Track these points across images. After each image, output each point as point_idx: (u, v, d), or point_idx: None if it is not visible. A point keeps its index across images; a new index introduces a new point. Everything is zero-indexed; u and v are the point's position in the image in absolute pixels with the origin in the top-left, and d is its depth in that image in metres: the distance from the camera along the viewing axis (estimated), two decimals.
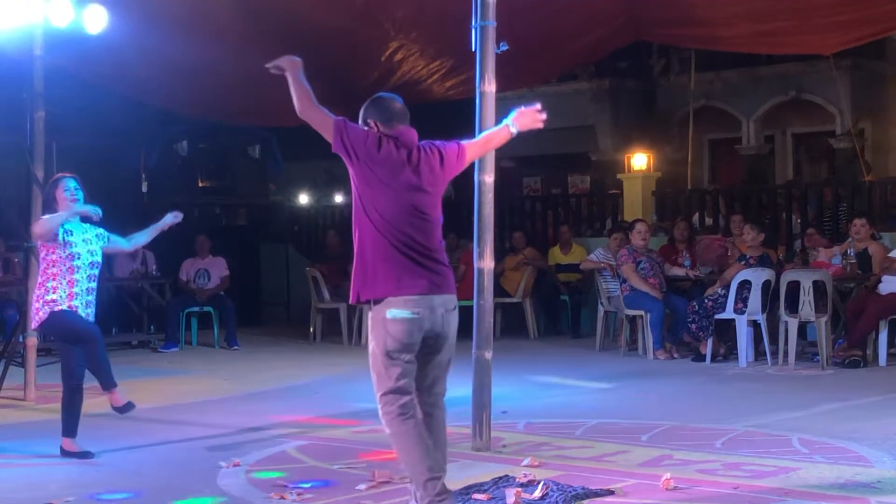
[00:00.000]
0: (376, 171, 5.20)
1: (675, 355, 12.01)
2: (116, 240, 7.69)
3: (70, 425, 7.31)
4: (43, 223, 7.24)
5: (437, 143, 5.50)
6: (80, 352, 7.28)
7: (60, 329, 7.37)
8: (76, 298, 7.23)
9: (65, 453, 7.25)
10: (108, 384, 7.44)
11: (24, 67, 9.79)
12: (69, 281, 7.23)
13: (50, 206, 7.38)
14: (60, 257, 7.23)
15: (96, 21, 9.68)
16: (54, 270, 7.23)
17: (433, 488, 5.15)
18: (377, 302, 5.16)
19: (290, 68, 5.47)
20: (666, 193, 16.84)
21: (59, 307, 7.20)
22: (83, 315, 7.26)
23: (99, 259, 7.41)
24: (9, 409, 9.32)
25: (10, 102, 10.46)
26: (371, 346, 5.22)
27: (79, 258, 7.27)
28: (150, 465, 7.09)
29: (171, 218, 7.84)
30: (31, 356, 9.73)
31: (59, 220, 7.21)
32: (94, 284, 7.36)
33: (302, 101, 5.37)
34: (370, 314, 5.23)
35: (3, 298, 13.39)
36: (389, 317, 5.11)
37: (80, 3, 9.60)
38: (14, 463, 7.17)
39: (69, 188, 7.37)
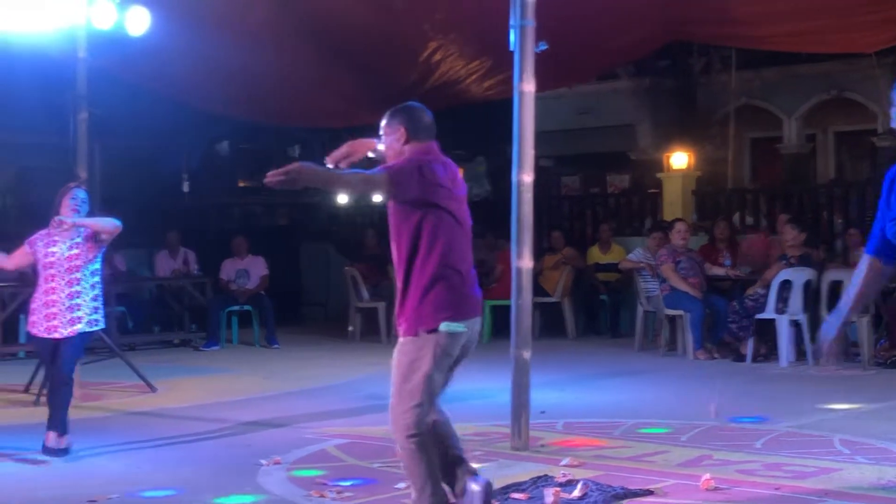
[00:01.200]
0: (435, 197, 5.06)
1: (716, 356, 11.95)
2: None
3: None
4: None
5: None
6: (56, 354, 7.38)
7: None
8: (54, 307, 7.37)
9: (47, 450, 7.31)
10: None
11: (68, 69, 9.90)
12: (45, 290, 7.39)
13: (55, 211, 7.51)
14: (41, 264, 7.45)
15: (139, 23, 9.78)
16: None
17: None
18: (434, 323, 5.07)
19: (304, 175, 4.80)
20: (706, 193, 16.76)
21: (35, 330, 7.42)
22: (63, 335, 7.37)
23: (79, 263, 7.48)
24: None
25: (54, 104, 10.59)
26: (411, 356, 5.07)
27: (53, 267, 7.40)
28: (192, 462, 7.15)
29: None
30: None
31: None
32: (79, 289, 7.44)
33: (349, 183, 5.29)
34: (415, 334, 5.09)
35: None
36: (443, 329, 5.04)
37: (122, 5, 9.69)
38: (56, 460, 7.24)
39: (75, 198, 7.49)
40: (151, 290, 15.31)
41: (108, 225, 7.59)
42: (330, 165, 5.16)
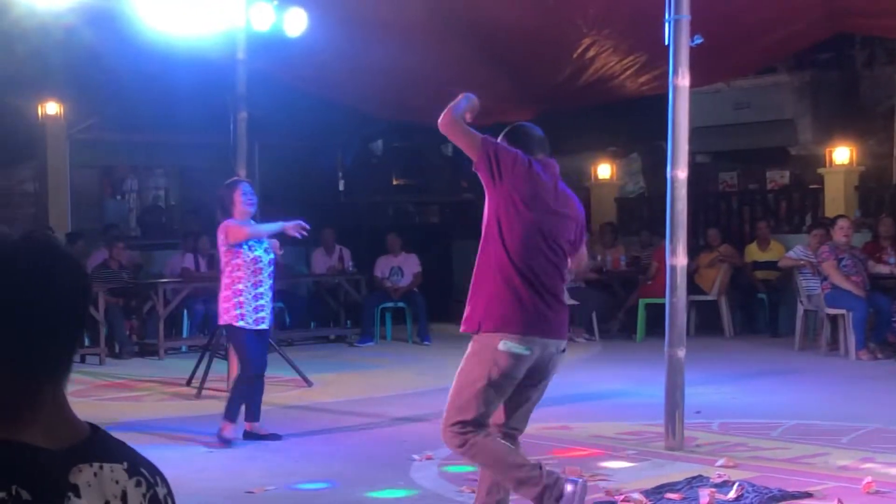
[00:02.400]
0: (522, 194, 4.93)
1: (879, 356, 11.58)
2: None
3: (252, 411, 7.59)
4: (242, 231, 7.51)
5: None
6: (260, 344, 7.56)
7: (235, 343, 7.74)
8: (261, 300, 7.51)
9: (248, 435, 7.55)
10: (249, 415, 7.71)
11: (228, 71, 10.14)
12: (254, 283, 7.52)
13: (226, 208, 7.67)
14: (245, 262, 7.52)
15: (296, 24, 9.95)
16: (239, 274, 7.52)
17: (544, 476, 4.89)
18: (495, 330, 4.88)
19: (465, 99, 5.23)
20: (870, 188, 16.26)
21: (240, 323, 7.52)
22: (264, 328, 7.58)
23: (272, 257, 7.69)
24: (212, 401, 9.66)
25: (215, 104, 10.85)
26: (468, 370, 4.94)
27: (260, 262, 7.55)
28: (345, 456, 7.25)
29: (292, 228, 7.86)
30: None
31: (261, 234, 7.55)
32: (270, 281, 7.68)
33: (449, 113, 5.15)
34: (477, 338, 4.94)
35: (208, 293, 13.89)
36: (503, 349, 4.82)
37: (280, 7, 9.89)
38: (217, 452, 7.43)
39: (246, 192, 7.65)
40: (308, 286, 15.59)
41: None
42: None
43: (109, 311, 12.72)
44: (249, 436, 7.70)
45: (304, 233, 7.71)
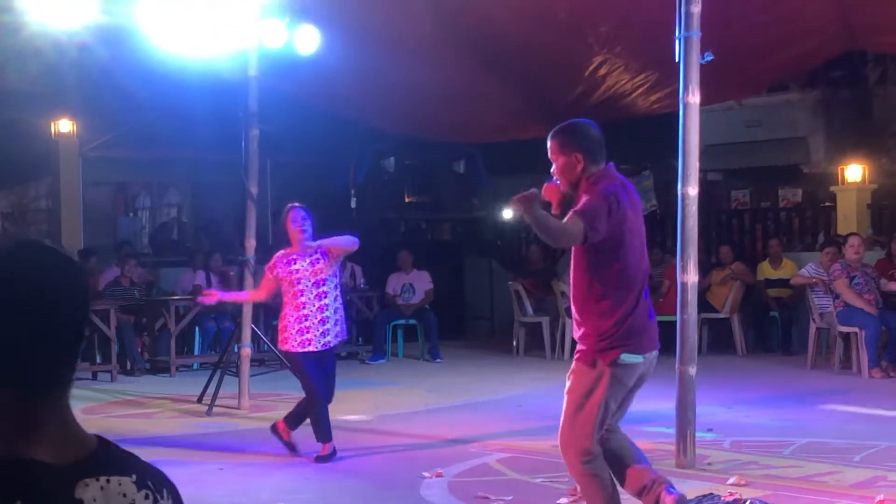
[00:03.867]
0: (626, 228, 4.90)
1: (892, 374, 11.53)
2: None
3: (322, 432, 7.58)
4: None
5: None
6: (311, 365, 7.55)
7: (293, 366, 7.79)
8: (305, 321, 7.50)
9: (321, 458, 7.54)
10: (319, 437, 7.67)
11: (240, 89, 10.17)
12: (296, 305, 7.53)
13: (281, 235, 7.73)
14: (285, 282, 7.57)
15: (308, 42, 9.97)
16: (284, 297, 7.60)
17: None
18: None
19: (529, 205, 4.62)
20: (882, 206, 16.23)
21: (285, 347, 7.55)
22: (318, 347, 7.54)
23: (324, 276, 7.64)
24: (224, 418, 9.68)
25: (227, 121, 10.87)
26: (588, 395, 4.97)
27: (300, 282, 7.54)
28: (356, 473, 7.24)
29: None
30: (245, 366, 10.08)
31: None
32: (327, 301, 7.60)
33: (548, 230, 4.73)
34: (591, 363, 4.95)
35: (219, 311, 13.91)
36: (622, 361, 4.91)
37: (292, 25, 9.91)
38: (228, 469, 7.43)
39: (297, 219, 7.65)
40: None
41: (345, 244, 7.84)
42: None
43: (121, 328, 12.74)
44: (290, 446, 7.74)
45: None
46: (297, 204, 7.83)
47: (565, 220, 4.78)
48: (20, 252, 1.42)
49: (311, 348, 7.51)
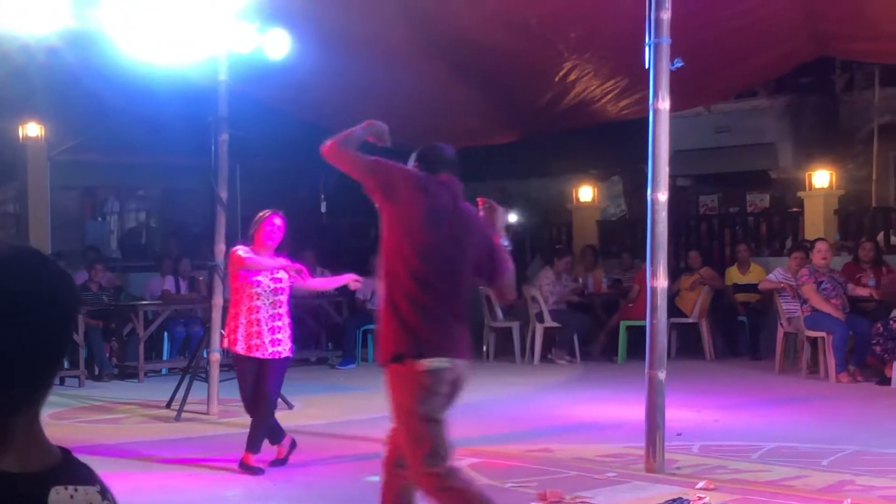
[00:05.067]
0: (418, 215, 4.73)
1: (859, 378, 11.62)
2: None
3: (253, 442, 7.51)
4: (253, 261, 7.47)
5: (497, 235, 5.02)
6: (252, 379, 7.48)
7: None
8: (258, 326, 7.45)
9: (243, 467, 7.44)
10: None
11: (210, 93, 10.14)
12: (249, 308, 7.47)
13: (249, 237, 7.62)
14: (245, 289, 7.49)
15: (279, 46, 9.94)
16: (236, 298, 7.50)
17: None
18: (412, 357, 4.72)
19: (366, 127, 5.14)
20: (849, 212, 16.36)
21: (235, 348, 7.48)
22: (265, 355, 7.46)
23: (283, 287, 7.60)
24: (192, 423, 9.63)
25: (196, 126, 10.84)
26: (400, 405, 4.85)
27: (259, 286, 7.48)
28: (325, 478, 7.23)
29: (352, 282, 7.91)
30: (215, 372, 10.04)
31: (261, 267, 7.47)
32: (282, 311, 7.55)
33: (334, 140, 4.89)
34: (394, 370, 4.83)
35: (188, 315, 13.87)
36: (425, 367, 4.69)
37: (262, 29, 9.89)
38: (196, 474, 7.40)
39: (269, 229, 7.56)
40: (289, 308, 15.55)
41: (320, 286, 7.82)
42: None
43: (89, 333, 12.67)
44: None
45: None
46: (276, 212, 7.72)
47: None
48: (11, 259, 1.41)
49: (257, 354, 7.43)
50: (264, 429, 7.47)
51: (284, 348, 7.53)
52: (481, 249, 4.84)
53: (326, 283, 8.97)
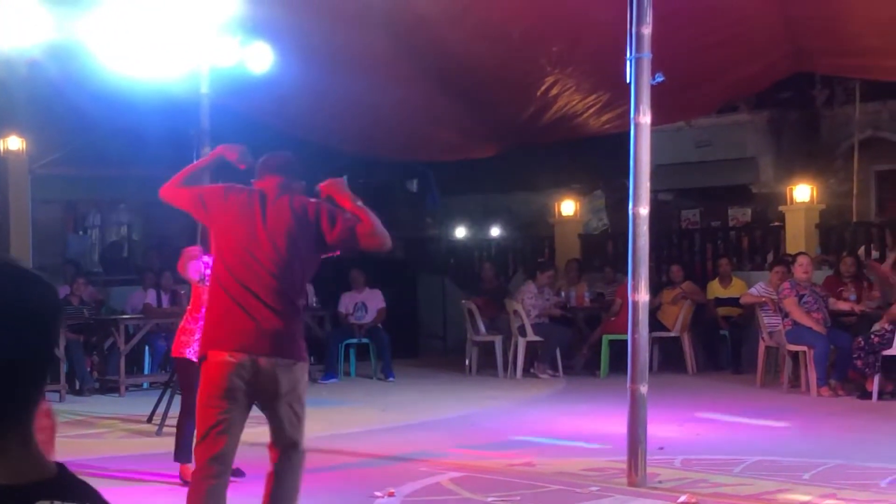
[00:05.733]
0: (223, 219, 5.11)
1: (840, 392, 11.65)
2: None
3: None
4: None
5: (323, 204, 5.33)
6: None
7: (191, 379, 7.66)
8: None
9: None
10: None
11: (192, 106, 10.12)
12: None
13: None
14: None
15: (261, 60, 9.93)
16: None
17: None
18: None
19: (217, 154, 5.85)
20: (830, 226, 16.43)
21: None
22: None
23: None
24: (173, 438, 9.57)
25: (178, 139, 10.81)
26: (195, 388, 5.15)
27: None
28: (307, 493, 7.19)
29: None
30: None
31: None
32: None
33: (172, 180, 5.39)
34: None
35: (170, 329, 13.81)
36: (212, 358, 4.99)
37: (245, 43, 9.88)
38: (178, 489, 7.36)
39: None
40: None
41: None
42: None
43: (70, 347, 12.61)
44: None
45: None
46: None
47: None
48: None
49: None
50: None
51: None
52: (314, 232, 5.16)
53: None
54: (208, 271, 7.34)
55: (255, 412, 5.18)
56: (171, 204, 5.31)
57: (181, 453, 7.42)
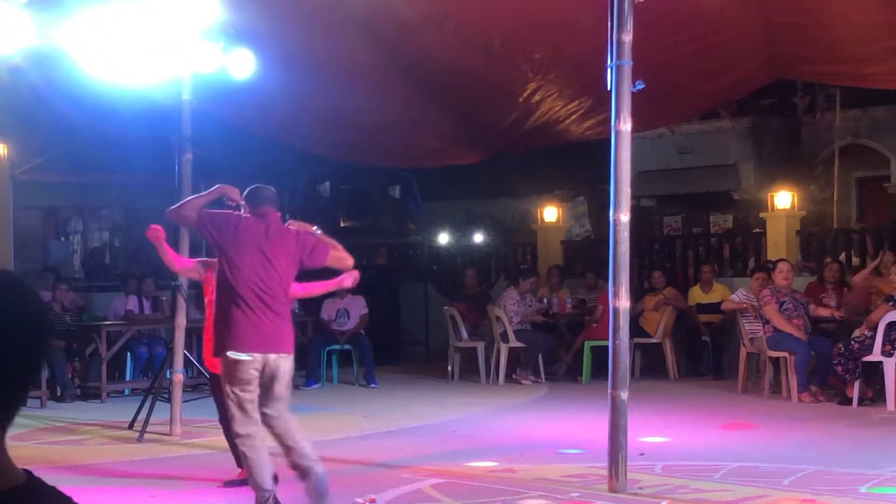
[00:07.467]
0: (235, 244, 6.31)
1: (821, 398, 11.69)
2: None
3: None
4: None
5: (302, 233, 6.56)
6: None
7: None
8: None
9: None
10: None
11: (174, 112, 10.11)
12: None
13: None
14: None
15: (243, 66, 9.93)
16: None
17: None
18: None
19: (214, 191, 6.67)
20: (811, 233, 16.50)
21: None
22: None
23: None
24: (155, 444, 9.58)
25: (160, 146, 10.80)
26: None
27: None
28: (289, 499, 7.19)
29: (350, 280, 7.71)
30: (178, 392, 9.99)
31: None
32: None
33: (182, 205, 6.63)
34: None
35: (151, 336, 13.80)
36: (230, 356, 6.28)
37: (227, 49, 9.88)
38: (159, 496, 7.35)
39: None
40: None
41: None
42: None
43: (51, 353, 12.56)
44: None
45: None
46: None
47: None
48: None
49: None
50: None
51: None
52: (299, 253, 6.48)
53: (327, 285, 8.46)
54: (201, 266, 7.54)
55: None
56: (178, 223, 6.90)
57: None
